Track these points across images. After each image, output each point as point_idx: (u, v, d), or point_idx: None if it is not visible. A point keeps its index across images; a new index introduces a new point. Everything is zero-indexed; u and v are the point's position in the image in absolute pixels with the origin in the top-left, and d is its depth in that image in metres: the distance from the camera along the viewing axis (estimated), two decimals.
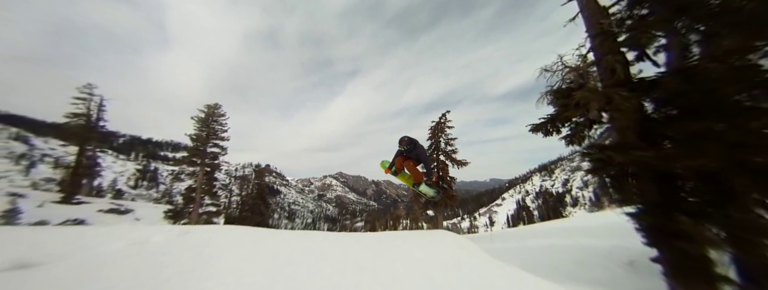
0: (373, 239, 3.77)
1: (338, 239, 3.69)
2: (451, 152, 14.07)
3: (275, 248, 3.09)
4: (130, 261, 2.34)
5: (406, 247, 3.24)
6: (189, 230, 4.01)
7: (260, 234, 4.21)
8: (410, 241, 3.54)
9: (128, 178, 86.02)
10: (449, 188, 13.63)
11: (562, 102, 3.27)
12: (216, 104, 20.44)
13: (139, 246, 2.85)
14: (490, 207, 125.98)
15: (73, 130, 18.77)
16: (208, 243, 3.11)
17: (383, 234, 4.39)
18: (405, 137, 4.06)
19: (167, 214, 16.11)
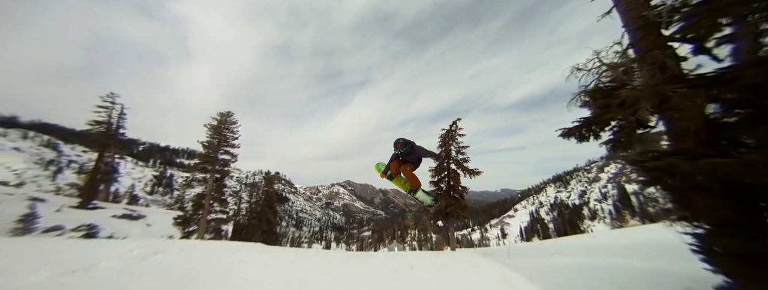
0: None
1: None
2: (462, 161, 13.57)
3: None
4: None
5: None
6: (159, 250, 3.80)
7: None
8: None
9: (145, 184, 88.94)
10: (461, 198, 13.04)
11: (601, 102, 2.88)
12: (228, 111, 20.88)
13: (72, 277, 2.04)
14: (502, 219, 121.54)
15: (94, 137, 19.53)
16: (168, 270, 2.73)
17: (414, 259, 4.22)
18: (400, 140, 3.78)
19: (176, 220, 16.16)
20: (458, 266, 5.14)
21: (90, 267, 2.36)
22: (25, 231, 11.32)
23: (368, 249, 71.93)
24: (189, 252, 3.46)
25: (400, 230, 43.89)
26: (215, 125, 19.35)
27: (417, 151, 3.89)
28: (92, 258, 2.67)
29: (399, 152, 3.74)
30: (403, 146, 3.73)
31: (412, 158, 3.95)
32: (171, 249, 3.56)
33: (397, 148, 3.74)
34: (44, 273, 2.16)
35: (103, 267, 2.41)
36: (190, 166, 18.30)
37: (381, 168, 4.48)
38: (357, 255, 5.61)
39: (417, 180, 4.00)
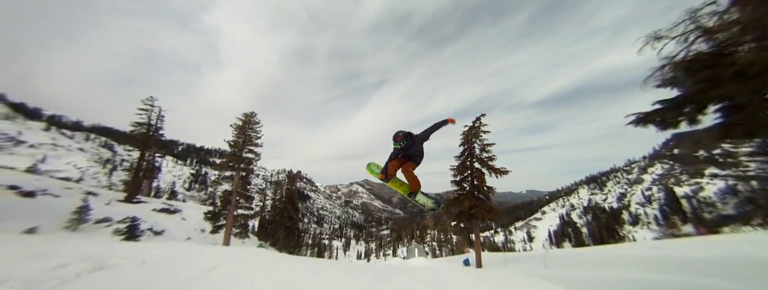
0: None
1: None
2: (487, 160, 12.71)
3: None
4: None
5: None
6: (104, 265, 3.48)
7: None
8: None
9: (184, 181, 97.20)
10: (487, 199, 12.24)
11: (704, 75, 2.18)
12: (251, 112, 21.77)
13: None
14: (528, 221, 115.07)
15: (137, 137, 21.44)
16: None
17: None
18: (399, 133, 3.40)
19: (207, 215, 17.18)
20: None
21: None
22: (80, 221, 12.66)
23: (387, 247, 71.92)
24: (152, 267, 3.05)
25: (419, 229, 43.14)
26: (240, 125, 20.24)
27: (418, 141, 3.47)
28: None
29: (399, 146, 3.36)
30: (403, 138, 3.35)
31: (415, 152, 3.51)
32: (127, 264, 3.13)
33: (397, 141, 3.35)
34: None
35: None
36: (219, 164, 19.35)
37: (374, 169, 4.05)
38: (376, 271, 4.98)
39: (418, 182, 3.64)
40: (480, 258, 11.75)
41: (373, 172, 4.00)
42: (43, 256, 3.30)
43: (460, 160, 13.30)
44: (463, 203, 11.92)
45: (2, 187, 13.43)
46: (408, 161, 3.61)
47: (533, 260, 11.70)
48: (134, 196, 19.40)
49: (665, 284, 3.76)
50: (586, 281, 4.33)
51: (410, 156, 3.59)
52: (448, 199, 15.59)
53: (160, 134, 23.35)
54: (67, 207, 13.05)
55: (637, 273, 4.60)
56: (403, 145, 3.35)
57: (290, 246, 23.04)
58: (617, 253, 7.83)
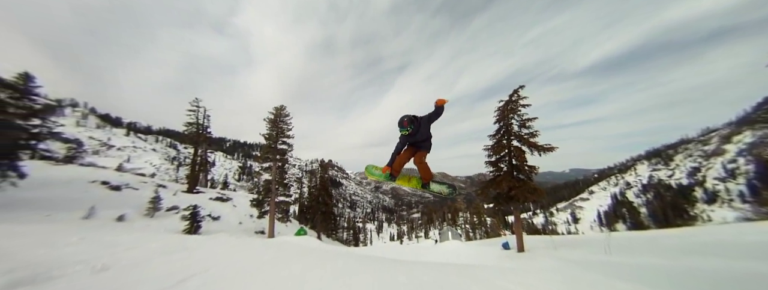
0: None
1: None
2: (528, 136, 11.48)
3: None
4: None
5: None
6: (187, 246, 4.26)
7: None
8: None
9: (234, 173, 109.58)
10: (529, 179, 11.27)
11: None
12: (281, 105, 22.85)
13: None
14: (572, 202, 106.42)
15: (190, 136, 24.24)
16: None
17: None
18: (405, 117, 3.11)
19: (252, 202, 19.18)
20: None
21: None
22: (155, 209, 15.12)
23: (418, 229, 73.57)
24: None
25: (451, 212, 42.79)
26: (272, 118, 21.45)
27: (424, 124, 3.18)
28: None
29: (406, 131, 3.10)
30: (410, 123, 3.08)
31: (423, 137, 3.24)
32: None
33: (403, 127, 3.08)
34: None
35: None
36: (258, 156, 21.08)
37: (373, 171, 3.72)
38: (410, 268, 4.38)
39: (430, 171, 3.44)
40: (522, 241, 11.08)
41: (372, 174, 3.71)
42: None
43: (496, 138, 12.22)
44: (501, 185, 11.08)
45: (97, 182, 16.53)
46: (418, 150, 3.35)
47: (587, 244, 10.64)
48: (194, 187, 22.40)
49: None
50: (672, 273, 3.62)
51: (419, 144, 3.33)
52: (480, 182, 14.86)
53: (209, 131, 26.01)
54: (145, 198, 15.65)
55: (737, 262, 3.69)
56: (411, 130, 3.09)
57: (328, 228, 24.77)
58: (697, 238, 6.60)
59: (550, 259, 8.39)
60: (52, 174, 15.95)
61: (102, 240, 4.38)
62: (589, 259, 7.37)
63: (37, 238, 4.05)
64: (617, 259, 5.46)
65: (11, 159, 11.99)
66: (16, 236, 4.18)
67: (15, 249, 3.22)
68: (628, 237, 11.42)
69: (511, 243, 12.45)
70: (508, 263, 8.54)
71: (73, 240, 4.18)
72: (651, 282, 3.57)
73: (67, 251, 3.41)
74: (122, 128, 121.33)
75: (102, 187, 16.22)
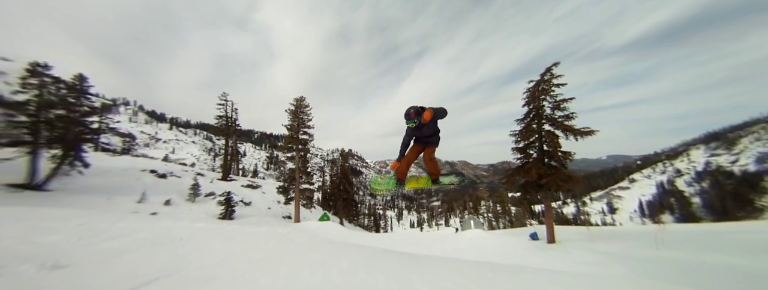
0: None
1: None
2: (563, 119, 10.47)
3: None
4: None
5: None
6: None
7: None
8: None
9: (262, 162, 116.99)
10: (562, 166, 10.44)
11: None
12: (301, 97, 23.37)
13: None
14: (609, 191, 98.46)
15: (221, 128, 26.01)
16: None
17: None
18: (411, 108, 2.97)
19: (279, 189, 20.38)
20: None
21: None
22: (195, 195, 16.73)
23: (438, 217, 73.53)
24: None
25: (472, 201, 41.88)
26: (293, 109, 22.10)
27: (438, 112, 3.02)
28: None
29: (413, 123, 2.97)
30: (417, 114, 2.94)
31: (429, 131, 3.10)
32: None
33: (410, 119, 2.95)
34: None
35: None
36: (282, 146, 22.08)
37: (378, 180, 3.67)
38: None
39: (438, 168, 3.43)
40: (553, 232, 10.47)
41: (379, 185, 3.63)
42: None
43: (525, 123, 11.33)
44: (530, 173, 10.33)
45: (147, 171, 18.60)
46: (426, 146, 3.24)
47: (630, 237, 9.71)
48: (228, 175, 24.30)
49: None
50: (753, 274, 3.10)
51: (426, 139, 3.20)
52: (505, 169, 14.14)
53: (237, 124, 27.66)
54: (186, 185, 17.34)
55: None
56: (417, 122, 2.97)
57: (349, 215, 25.72)
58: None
59: (586, 252, 7.75)
60: (111, 164, 18.21)
61: (95, 228, 3.96)
62: (635, 254, 6.70)
63: (28, 224, 3.63)
64: (674, 255, 4.90)
65: (77, 151, 13.84)
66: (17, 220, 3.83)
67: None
68: (678, 230, 10.25)
69: (541, 233, 11.84)
70: (538, 256, 8.02)
71: (68, 226, 3.78)
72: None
73: (37, 241, 2.93)
74: (166, 122, 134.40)
75: (151, 175, 18.24)
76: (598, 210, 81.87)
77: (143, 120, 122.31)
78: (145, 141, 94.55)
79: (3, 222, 3.60)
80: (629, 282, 2.87)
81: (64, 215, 4.60)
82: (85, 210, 7.27)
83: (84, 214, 5.29)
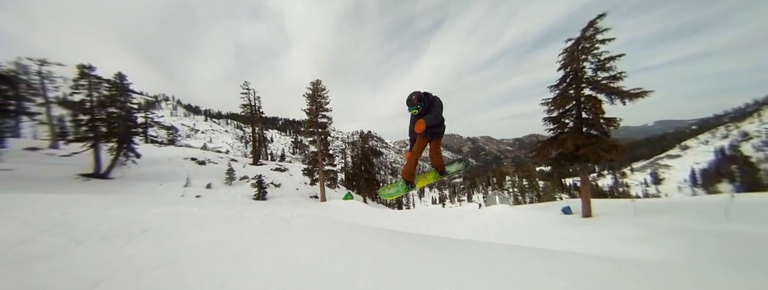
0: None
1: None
2: (608, 81, 9.14)
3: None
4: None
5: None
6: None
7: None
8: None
9: (288, 147, 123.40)
10: (604, 135, 9.28)
11: None
12: (317, 80, 23.35)
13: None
14: (655, 160, 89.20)
15: (247, 117, 27.42)
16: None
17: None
18: (413, 95, 2.80)
19: (304, 172, 21.55)
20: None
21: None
22: (231, 179, 18.38)
23: (460, 194, 73.42)
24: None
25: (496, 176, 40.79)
26: (310, 93, 22.31)
27: (437, 105, 2.83)
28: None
29: (416, 110, 2.80)
30: (420, 100, 2.77)
31: (434, 120, 2.81)
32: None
33: (413, 105, 2.77)
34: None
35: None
36: (303, 131, 22.83)
37: (386, 189, 3.43)
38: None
39: (442, 160, 3.34)
40: (589, 205, 9.71)
41: (388, 194, 3.38)
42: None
43: (560, 89, 10.18)
44: (566, 144, 9.39)
45: (189, 159, 20.64)
46: (431, 139, 3.08)
47: (683, 209, 8.66)
48: (257, 160, 26.12)
49: None
50: None
51: (432, 130, 2.96)
52: (533, 142, 13.22)
53: (261, 111, 28.87)
54: (222, 170, 19.05)
55: None
56: (421, 108, 2.79)
57: (372, 193, 26.73)
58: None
59: (630, 226, 7.10)
60: (158, 154, 20.45)
61: (80, 214, 3.39)
62: (694, 228, 5.95)
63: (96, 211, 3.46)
64: (748, 229, 4.39)
65: (129, 143, 15.67)
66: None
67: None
68: (750, 200, 8.94)
69: (574, 207, 11.20)
70: (573, 231, 7.52)
71: (54, 214, 3.25)
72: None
73: (108, 217, 2.76)
74: (201, 115, 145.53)
75: (192, 162, 20.25)
76: (640, 182, 75.45)
77: (182, 114, 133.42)
78: (186, 133, 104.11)
79: (96, 206, 4.09)
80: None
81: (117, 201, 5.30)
82: (141, 195, 8.33)
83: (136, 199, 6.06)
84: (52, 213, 3.29)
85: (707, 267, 2.98)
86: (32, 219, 2.98)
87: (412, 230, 6.16)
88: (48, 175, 12.02)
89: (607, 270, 2.13)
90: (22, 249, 2.16)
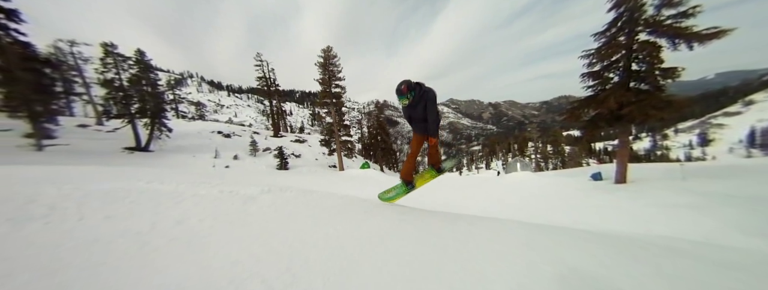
0: None
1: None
2: (673, 21, 7.42)
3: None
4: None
5: None
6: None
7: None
8: None
9: (307, 119, 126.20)
10: (659, 89, 7.89)
11: None
12: (328, 46, 22.26)
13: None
14: (707, 119, 78.94)
15: (263, 90, 27.70)
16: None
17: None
18: (402, 84, 2.63)
19: (321, 142, 22.18)
20: None
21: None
22: (255, 150, 19.52)
23: (478, 161, 72.37)
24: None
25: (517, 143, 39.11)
26: (322, 61, 21.55)
27: (430, 99, 2.69)
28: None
29: (406, 101, 2.66)
30: (410, 89, 2.62)
31: (420, 114, 2.74)
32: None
33: (402, 94, 2.62)
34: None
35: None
36: (317, 102, 22.78)
37: (385, 195, 3.30)
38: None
39: (439, 156, 3.23)
40: (625, 170, 8.76)
41: (388, 197, 3.31)
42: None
43: (607, 36, 8.63)
44: (607, 102, 8.16)
45: (215, 132, 21.99)
46: (426, 134, 2.94)
47: (746, 173, 7.58)
48: (278, 132, 27.18)
49: None
50: None
51: (425, 125, 2.83)
52: (563, 105, 11.97)
53: (277, 84, 28.89)
54: (246, 142, 20.18)
55: None
56: (411, 97, 2.65)
57: (389, 162, 27.25)
58: None
59: (676, 193, 6.26)
60: (188, 128, 21.95)
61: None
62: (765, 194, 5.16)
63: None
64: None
65: (160, 119, 16.84)
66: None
67: None
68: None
69: (606, 172, 10.38)
70: (605, 199, 6.82)
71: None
72: None
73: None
74: (224, 90, 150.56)
75: (219, 136, 21.60)
76: (683, 144, 68.40)
77: (207, 89, 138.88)
78: (213, 108, 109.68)
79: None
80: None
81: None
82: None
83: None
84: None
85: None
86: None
87: (421, 199, 6.11)
88: (98, 149, 13.56)
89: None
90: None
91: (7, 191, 2.06)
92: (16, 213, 1.71)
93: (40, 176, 2.80)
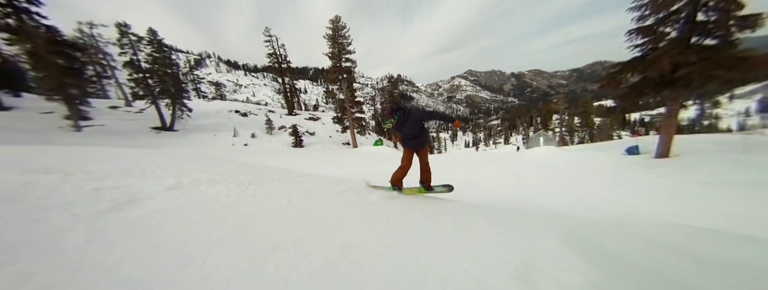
0: None
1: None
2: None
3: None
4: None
5: None
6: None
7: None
8: None
9: (321, 97, 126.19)
10: (730, 45, 6.41)
11: None
12: (336, 16, 20.86)
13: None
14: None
15: (275, 67, 27.41)
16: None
17: None
18: (386, 107, 2.80)
19: (334, 120, 22.12)
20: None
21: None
22: (271, 128, 20.00)
23: (496, 136, 69.40)
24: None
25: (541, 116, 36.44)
26: (331, 34, 20.44)
27: (414, 118, 2.75)
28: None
29: (390, 123, 2.73)
30: (393, 112, 2.71)
31: (411, 134, 2.80)
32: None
33: (386, 117, 2.72)
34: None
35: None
36: (328, 78, 22.19)
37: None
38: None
39: (429, 171, 3.17)
40: (670, 143, 7.63)
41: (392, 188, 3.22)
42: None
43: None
44: (660, 63, 6.80)
45: (233, 111, 22.65)
46: (417, 150, 2.96)
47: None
48: (292, 110, 27.44)
49: None
50: None
51: (410, 141, 2.87)
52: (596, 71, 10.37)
53: (288, 61, 28.37)
54: (262, 121, 20.64)
55: None
56: (396, 120, 2.72)
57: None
58: None
59: (737, 169, 5.36)
60: (208, 108, 22.75)
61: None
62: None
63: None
64: None
65: (181, 99, 17.48)
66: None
67: None
68: None
69: (645, 146, 9.16)
70: (646, 176, 5.88)
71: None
72: None
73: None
74: (241, 70, 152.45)
75: (236, 115, 22.25)
76: (738, 111, 60.05)
77: (225, 69, 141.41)
78: (232, 88, 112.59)
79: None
80: None
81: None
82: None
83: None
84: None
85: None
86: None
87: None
88: (129, 128, 14.56)
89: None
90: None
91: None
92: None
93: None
